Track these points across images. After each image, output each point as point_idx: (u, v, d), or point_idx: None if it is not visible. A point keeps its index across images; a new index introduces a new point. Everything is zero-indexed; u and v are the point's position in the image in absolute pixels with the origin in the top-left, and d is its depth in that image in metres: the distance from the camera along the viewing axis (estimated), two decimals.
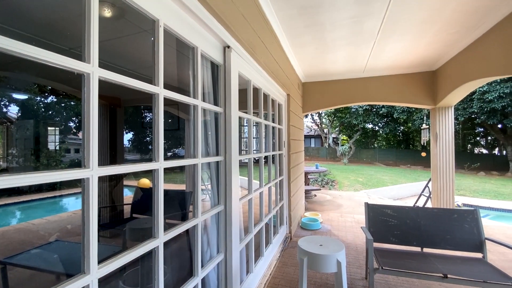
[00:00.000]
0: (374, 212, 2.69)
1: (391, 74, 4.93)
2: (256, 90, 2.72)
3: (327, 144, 26.06)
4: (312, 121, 28.02)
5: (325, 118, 26.57)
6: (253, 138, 3.97)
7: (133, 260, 1.16)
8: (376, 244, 2.68)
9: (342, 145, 23.52)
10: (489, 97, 14.10)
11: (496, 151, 20.53)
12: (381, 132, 24.13)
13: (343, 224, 4.65)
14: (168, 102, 1.51)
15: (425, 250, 2.58)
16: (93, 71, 0.94)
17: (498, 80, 13.60)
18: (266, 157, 3.12)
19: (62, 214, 6.24)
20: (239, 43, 2.02)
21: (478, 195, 9.24)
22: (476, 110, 15.05)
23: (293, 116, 4.17)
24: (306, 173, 6.96)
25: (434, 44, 3.62)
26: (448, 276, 2.01)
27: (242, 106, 2.43)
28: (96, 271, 0.95)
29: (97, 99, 0.96)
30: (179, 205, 3.07)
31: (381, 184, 10.73)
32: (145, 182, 5.60)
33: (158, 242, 1.28)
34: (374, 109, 21.16)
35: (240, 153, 2.27)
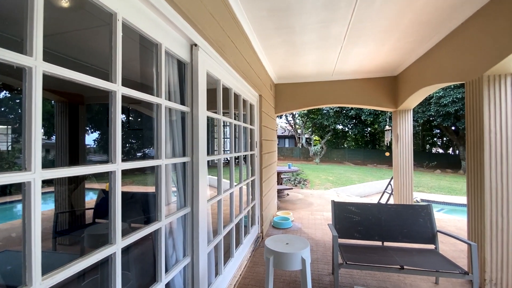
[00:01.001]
0: (340, 210, 2.81)
1: (358, 78, 5.19)
2: (226, 90, 2.70)
3: (300, 144, 26.72)
4: (286, 122, 28.57)
5: (298, 119, 27.23)
6: (224, 138, 3.93)
7: (92, 268, 1.08)
8: (342, 240, 2.80)
9: (315, 145, 24.29)
10: (444, 102, 15.47)
11: (450, 151, 22.57)
12: (350, 133, 25.36)
13: (313, 221, 4.80)
14: (134, 100, 1.43)
15: (386, 244, 2.75)
16: (36, 65, 0.86)
17: (452, 86, 14.98)
18: (237, 158, 3.11)
19: (15, 222, 5.66)
20: (207, 41, 1.99)
21: (435, 191, 10.09)
22: (433, 113, 16.42)
23: (265, 117, 4.21)
24: (279, 173, 7.08)
25: (394, 51, 3.88)
26: (405, 267, 2.16)
27: (212, 106, 2.40)
28: (40, 283, 0.87)
29: (41, 95, 0.88)
30: (146, 208, 2.94)
31: (350, 182, 11.27)
32: None
33: (115, 248, 1.21)
34: (344, 111, 22.14)
35: (209, 154, 2.23)
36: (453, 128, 17.91)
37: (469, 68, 2.71)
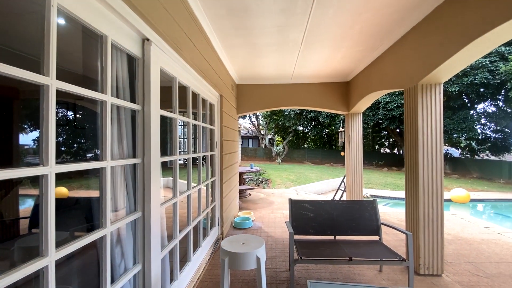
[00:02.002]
0: (296, 207, 2.92)
1: (315, 82, 5.47)
2: (183, 88, 2.61)
3: (263, 144, 27.16)
4: (250, 122, 28.79)
5: (262, 120, 27.66)
6: (182, 138, 3.79)
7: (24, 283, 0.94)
8: (298, 237, 2.92)
9: (277, 146, 24.92)
10: (390, 106, 17.19)
11: (395, 151, 25.11)
12: (310, 134, 26.66)
13: (273, 220, 4.91)
14: (82, 96, 1.30)
15: (338, 237, 2.94)
16: None
17: (396, 93, 16.70)
18: (196, 158, 3.03)
19: None
20: (161, 37, 1.90)
21: (382, 187, 11.14)
22: (381, 117, 18.12)
23: (226, 117, 4.18)
24: (241, 173, 7.09)
25: (346, 59, 4.18)
26: (353, 258, 2.33)
27: (167, 104, 2.30)
28: None
29: None
30: (93, 214, 2.69)
31: (308, 181, 11.82)
32: (61, 191, 4.71)
33: (47, 261, 1.08)
34: (304, 113, 23.16)
35: (167, 155, 2.14)
36: (397, 130, 19.97)
37: (407, 77, 3.05)
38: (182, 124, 2.79)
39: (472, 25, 2.11)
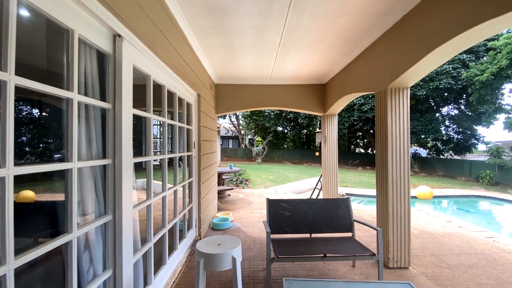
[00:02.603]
0: (274, 207, 2.96)
1: (292, 84, 5.58)
2: (158, 87, 2.55)
3: (244, 145, 27.15)
4: (230, 122, 28.64)
5: (242, 120, 27.63)
6: (156, 138, 3.69)
7: None
8: (275, 235, 2.96)
9: (257, 146, 25.03)
10: (365, 108, 17.97)
11: (369, 151, 26.28)
12: (289, 134, 27.09)
13: (252, 220, 4.93)
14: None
15: (313, 235, 3.02)
16: None
17: (370, 95, 17.50)
18: (172, 159, 2.96)
19: None
20: (134, 34, 1.84)
21: (357, 185, 11.61)
22: (356, 118, 18.89)
23: (204, 117, 4.12)
24: (220, 174, 7.04)
25: (323, 62, 4.31)
26: (327, 255, 2.41)
27: (141, 103, 2.23)
28: None
29: None
30: (59, 219, 2.53)
31: (287, 180, 12.01)
32: (27, 195, 4.35)
33: (5, 269, 1.01)
34: (284, 114, 23.51)
35: (138, 155, 2.07)
36: (371, 131, 20.92)
37: (377, 80, 3.21)
38: (158, 124, 2.72)
39: (434, 34, 2.28)
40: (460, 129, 17.35)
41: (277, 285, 2.62)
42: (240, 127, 28.33)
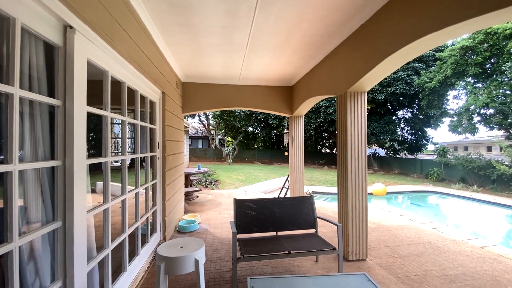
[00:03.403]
0: (240, 207, 2.98)
1: (261, 85, 5.66)
2: (118, 84, 2.41)
3: (214, 145, 26.78)
4: (199, 122, 28.04)
5: (212, 120, 27.23)
6: (118, 138, 3.49)
7: None
8: (242, 235, 2.97)
9: (227, 146, 24.87)
10: (330, 111, 18.87)
11: (334, 151, 27.68)
12: (259, 134, 27.39)
13: (220, 221, 4.89)
14: None
15: (279, 233, 3.10)
16: None
17: (335, 98, 18.41)
18: (134, 160, 2.82)
19: None
20: (89, 26, 1.71)
21: (322, 184, 12.14)
22: (322, 120, 19.76)
23: (170, 116, 3.99)
24: (188, 175, 6.86)
25: (289, 64, 4.44)
26: (291, 252, 2.49)
27: (97, 100, 2.10)
28: None
29: None
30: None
31: (257, 180, 12.13)
32: None
33: None
34: (254, 115, 23.69)
35: (94, 156, 1.93)
36: (336, 132, 22.00)
37: (339, 84, 3.40)
38: (118, 122, 2.58)
39: (386, 44, 2.48)
40: (413, 131, 19.09)
41: (243, 284, 2.64)
42: (210, 127, 27.90)
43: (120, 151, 2.63)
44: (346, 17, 2.82)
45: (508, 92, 11.22)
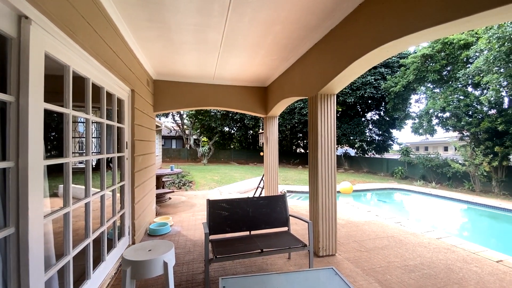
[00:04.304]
0: (213, 207, 2.95)
1: (236, 85, 5.66)
2: (81, 80, 2.27)
3: (188, 145, 26.17)
4: (173, 121, 27.24)
5: (186, 120, 26.58)
6: (78, 138, 3.30)
7: None
8: (215, 236, 2.95)
9: (203, 147, 24.45)
10: (304, 112, 19.38)
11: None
12: (236, 135, 27.28)
13: (194, 223, 4.80)
14: None
15: (252, 232, 3.12)
16: None
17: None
18: (99, 161, 2.67)
19: None
20: (47, 16, 1.60)
21: (296, 183, 12.45)
22: (297, 121, 20.24)
23: (139, 115, 3.83)
24: (160, 176, 6.63)
25: (263, 66, 4.50)
26: (264, 250, 2.52)
27: (58, 97, 1.96)
28: None
29: None
30: None
31: (233, 180, 12.09)
32: None
33: None
34: (230, 115, 23.56)
35: (56, 156, 1.80)
36: None
37: (310, 87, 3.52)
38: (83, 121, 2.43)
39: (353, 49, 2.62)
40: (380, 132, 20.29)
41: (215, 285, 2.62)
42: (185, 126, 27.22)
43: (83, 151, 2.47)
44: (317, 21, 2.92)
45: (461, 97, 12.39)
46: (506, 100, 11.16)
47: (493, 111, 11.55)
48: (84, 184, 2.33)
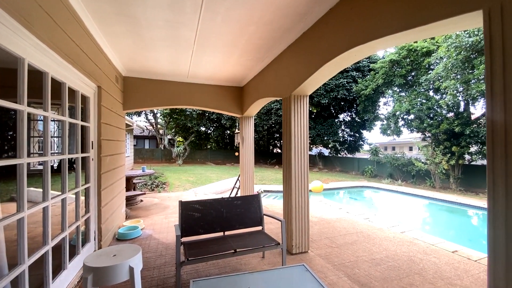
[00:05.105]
0: (186, 209, 2.88)
1: (211, 84, 5.58)
2: (39, 74, 2.09)
3: (162, 145, 25.31)
4: (146, 120, 26.18)
5: (160, 119, 25.69)
6: (37, 137, 3.07)
7: None
8: (187, 238, 2.88)
9: (178, 147, 23.79)
10: (280, 113, 19.66)
11: None
12: (212, 135, 26.89)
13: (166, 225, 4.66)
14: None
15: (227, 233, 3.10)
16: None
17: None
18: (61, 162, 2.48)
19: None
20: None
21: (273, 182, 12.59)
22: (273, 121, 20.48)
23: (107, 113, 3.63)
24: (130, 178, 6.34)
25: (239, 66, 4.49)
26: (237, 250, 2.52)
27: (11, 92, 1.80)
28: None
29: None
30: None
31: (209, 181, 11.92)
32: None
33: None
34: (207, 114, 23.19)
35: (9, 157, 1.64)
36: None
37: (284, 87, 3.58)
38: (41, 119, 2.26)
39: (324, 51, 2.71)
40: (352, 133, 21.22)
41: None
42: (159, 126, 26.30)
43: (41, 152, 2.29)
44: (290, 23, 2.98)
45: (424, 101, 13.36)
46: (462, 104, 12.24)
47: (451, 114, 12.61)
48: (42, 187, 2.15)
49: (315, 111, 19.96)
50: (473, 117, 11.85)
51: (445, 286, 2.65)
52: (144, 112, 25.25)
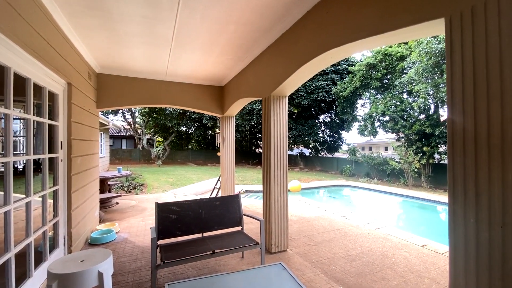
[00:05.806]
0: (162, 211, 2.81)
1: (191, 83, 5.49)
2: (0, 69, 1.95)
3: (141, 145, 24.49)
4: (124, 120, 25.19)
5: (139, 118, 24.84)
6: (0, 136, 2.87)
7: None
8: (164, 241, 2.81)
9: (157, 147, 23.12)
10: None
11: None
12: (193, 134, 26.42)
13: (143, 228, 4.51)
14: None
15: (205, 234, 3.06)
16: None
17: None
18: (28, 163, 2.31)
19: None
20: None
21: (255, 182, 12.62)
22: (255, 122, 20.52)
23: (78, 111, 3.45)
24: (105, 179, 6.07)
25: (219, 64, 4.45)
26: (215, 251, 2.49)
27: None
28: None
29: None
30: None
31: (189, 182, 11.70)
32: None
33: None
34: (188, 114, 22.74)
35: None
36: None
37: (264, 88, 3.60)
38: (2, 117, 2.10)
39: (302, 53, 2.76)
40: (331, 133, 21.82)
41: None
42: (137, 125, 25.42)
43: (2, 152, 2.13)
44: (269, 24, 3.00)
45: (398, 103, 14.05)
46: (432, 106, 13.00)
47: (422, 116, 13.36)
48: (4, 190, 2.00)
49: (296, 111, 20.27)
50: (442, 119, 12.61)
51: (414, 279, 2.80)
52: (121, 110, 24.28)
